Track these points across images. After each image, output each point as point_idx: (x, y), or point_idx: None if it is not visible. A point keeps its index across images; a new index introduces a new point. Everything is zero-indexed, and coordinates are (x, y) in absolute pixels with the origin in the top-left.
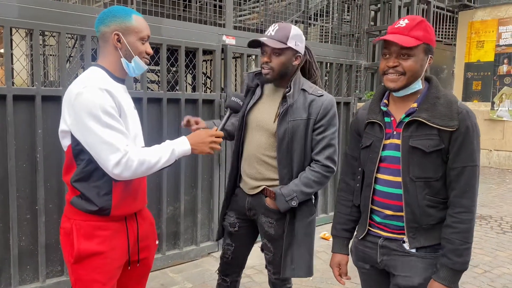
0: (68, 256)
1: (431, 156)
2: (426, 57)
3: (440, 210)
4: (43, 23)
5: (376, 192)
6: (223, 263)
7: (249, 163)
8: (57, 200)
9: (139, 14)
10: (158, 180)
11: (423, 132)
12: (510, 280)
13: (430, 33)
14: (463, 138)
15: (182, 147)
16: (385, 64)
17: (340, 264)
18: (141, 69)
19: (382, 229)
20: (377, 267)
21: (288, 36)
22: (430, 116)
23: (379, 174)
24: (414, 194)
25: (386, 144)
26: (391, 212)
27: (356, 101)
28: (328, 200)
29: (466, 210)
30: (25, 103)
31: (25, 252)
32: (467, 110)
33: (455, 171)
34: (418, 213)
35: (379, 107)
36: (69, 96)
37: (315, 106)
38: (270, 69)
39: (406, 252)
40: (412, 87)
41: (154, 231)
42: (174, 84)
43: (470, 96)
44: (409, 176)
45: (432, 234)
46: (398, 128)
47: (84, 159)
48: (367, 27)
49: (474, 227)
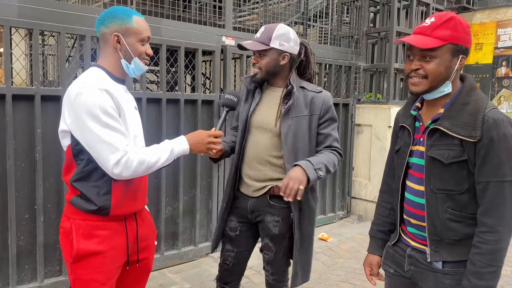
0: (67, 255)
1: (451, 167)
2: (454, 58)
3: (467, 225)
4: (42, 22)
5: (405, 199)
6: (222, 271)
7: (251, 166)
8: (55, 199)
9: (140, 15)
10: (157, 181)
11: (445, 142)
12: (507, 281)
13: (459, 32)
14: (486, 150)
15: (180, 146)
16: (408, 66)
17: (371, 264)
18: (141, 70)
19: (411, 237)
20: (403, 274)
21: (270, 37)
22: (452, 124)
23: (408, 181)
24: (435, 205)
25: (413, 150)
26: (416, 221)
27: (355, 102)
28: (326, 201)
29: (489, 230)
30: (24, 102)
31: (23, 252)
32: (496, 119)
33: (480, 186)
34: (439, 225)
35: (410, 111)
36: (69, 96)
37: (317, 102)
38: (259, 69)
39: (433, 268)
40: (439, 90)
41: (153, 232)
42: (174, 84)
43: None
44: (430, 187)
45: (456, 249)
46: (423, 135)
47: (84, 159)
48: (366, 28)
49: (504, 249)
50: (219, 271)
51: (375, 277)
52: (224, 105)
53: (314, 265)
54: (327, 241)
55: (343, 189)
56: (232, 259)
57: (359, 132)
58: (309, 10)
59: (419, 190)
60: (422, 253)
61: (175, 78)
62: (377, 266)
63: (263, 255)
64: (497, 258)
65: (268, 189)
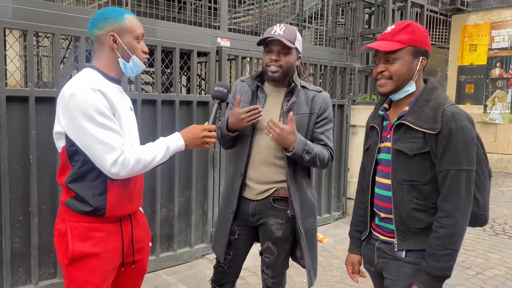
0: (62, 257)
1: (415, 159)
2: (415, 59)
3: (430, 214)
4: (37, 24)
5: (375, 194)
6: (218, 273)
7: (256, 168)
8: (50, 201)
9: (131, 13)
10: (152, 182)
11: (409, 135)
12: (502, 281)
13: (418, 36)
14: (446, 141)
15: (176, 143)
16: (375, 70)
17: (352, 263)
18: (139, 68)
19: (379, 232)
20: (378, 270)
21: (295, 37)
22: (415, 119)
23: (377, 177)
24: (401, 196)
25: (381, 147)
26: (384, 215)
27: (350, 103)
28: (322, 202)
29: (447, 215)
30: (19, 104)
31: (17, 254)
32: (454, 112)
33: (441, 175)
34: (405, 215)
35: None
36: (62, 98)
37: (317, 101)
38: (279, 67)
39: (396, 257)
40: (404, 90)
41: (148, 233)
42: (169, 86)
43: (463, 99)
44: (396, 179)
45: (421, 238)
46: (390, 131)
47: (79, 160)
48: (361, 30)
49: (460, 234)
50: (214, 273)
51: (357, 275)
52: (215, 97)
53: None
54: (322, 242)
55: (339, 190)
56: (228, 262)
57: (354, 133)
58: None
59: (387, 184)
60: (389, 244)
61: (170, 79)
62: (358, 264)
63: (263, 259)
64: (453, 242)
65: (272, 192)
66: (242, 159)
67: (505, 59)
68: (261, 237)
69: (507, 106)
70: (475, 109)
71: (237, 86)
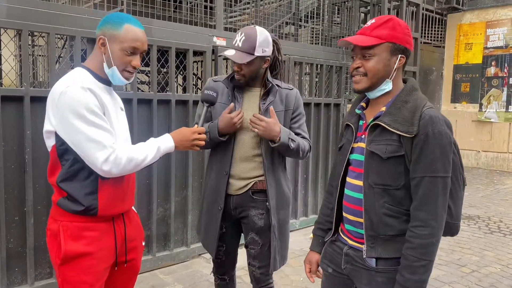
0: (55, 257)
1: (389, 162)
2: (393, 57)
3: (402, 221)
4: (32, 23)
5: (344, 196)
6: (217, 264)
7: (237, 166)
8: (45, 201)
9: (136, 26)
10: (148, 182)
11: (384, 137)
12: (497, 279)
13: (398, 31)
14: (422, 146)
15: (166, 144)
16: (351, 65)
17: (310, 262)
18: (118, 81)
19: (348, 236)
20: (342, 272)
21: (254, 46)
22: (391, 120)
23: (348, 178)
24: (372, 200)
25: (354, 147)
26: (353, 218)
27: (346, 102)
28: (318, 201)
29: (422, 224)
30: (14, 104)
31: (13, 255)
32: (432, 116)
33: (415, 181)
34: (375, 220)
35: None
36: (52, 96)
37: (290, 98)
38: (242, 76)
39: (367, 266)
40: (380, 88)
41: (141, 232)
42: (165, 85)
43: (459, 97)
44: (368, 182)
45: (392, 245)
46: (365, 132)
47: (69, 159)
48: (357, 29)
49: (435, 244)
50: (214, 266)
51: (313, 274)
52: (204, 100)
53: None
54: None
55: None
56: (223, 253)
57: None
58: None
59: (358, 185)
60: (358, 251)
61: (166, 78)
62: (316, 264)
63: (249, 251)
64: (428, 252)
65: (251, 186)
66: (226, 158)
67: (500, 58)
68: (245, 230)
69: (502, 105)
70: (470, 108)
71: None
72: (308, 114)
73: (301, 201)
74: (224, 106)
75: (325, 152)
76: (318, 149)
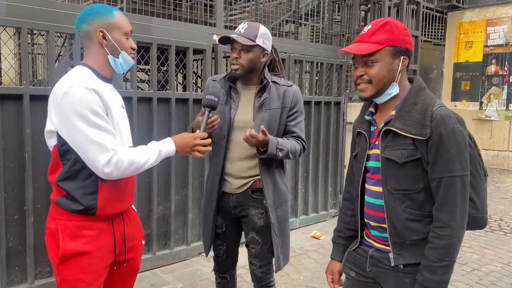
0: (53, 256)
1: (406, 167)
2: (395, 60)
3: (426, 224)
4: (31, 21)
5: (365, 203)
6: (218, 263)
7: (234, 165)
8: (45, 200)
9: (119, 11)
10: (148, 180)
11: (398, 142)
12: (498, 277)
13: (396, 34)
14: (437, 147)
15: (167, 148)
16: (354, 74)
17: (332, 272)
18: (129, 64)
19: (373, 239)
20: (366, 275)
21: (256, 34)
22: (403, 124)
23: (367, 185)
24: (394, 206)
25: (369, 154)
26: (377, 224)
27: (346, 100)
28: (318, 199)
29: (443, 225)
30: (13, 102)
31: (13, 253)
32: (443, 115)
33: (434, 183)
34: (399, 226)
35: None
36: (55, 96)
37: (288, 95)
38: (240, 65)
39: (394, 267)
40: (387, 93)
41: (141, 231)
42: (165, 83)
43: (459, 96)
44: (387, 188)
45: (419, 250)
46: (378, 138)
47: (71, 159)
48: (358, 27)
49: (456, 244)
50: (215, 264)
51: (336, 284)
52: (206, 105)
53: (307, 263)
54: (319, 239)
55: (335, 187)
56: (223, 252)
57: (350, 130)
58: (300, 9)
59: (378, 192)
60: (384, 253)
61: (166, 77)
62: (338, 273)
63: (250, 250)
64: (449, 253)
65: (250, 184)
66: (219, 157)
67: (500, 56)
68: (245, 230)
69: (503, 103)
70: (470, 106)
71: (209, 85)
72: (309, 113)
73: (301, 200)
74: (221, 106)
75: (325, 150)
76: (319, 147)
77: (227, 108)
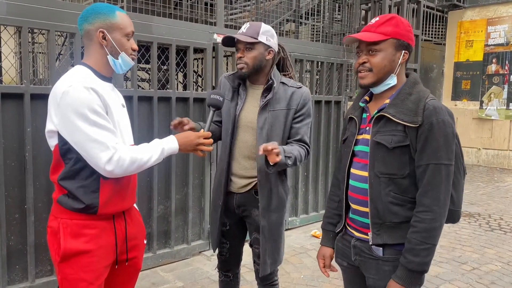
0: (54, 255)
1: (395, 152)
2: (397, 52)
3: (407, 209)
4: (32, 20)
5: (350, 187)
6: (221, 261)
7: (238, 164)
8: (46, 199)
9: (122, 11)
10: (149, 179)
11: (390, 128)
12: (498, 277)
13: (401, 29)
14: (427, 135)
15: (170, 145)
16: (356, 61)
17: (324, 257)
18: (128, 65)
19: (354, 227)
20: (353, 264)
21: (258, 32)
22: (396, 111)
23: (353, 169)
24: (378, 189)
25: (358, 139)
26: (359, 207)
27: (346, 99)
28: (319, 198)
29: (426, 210)
30: (14, 101)
31: (14, 252)
32: (436, 106)
33: (420, 169)
34: (381, 208)
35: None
36: (54, 96)
37: (296, 97)
38: (245, 64)
39: (374, 256)
40: (385, 83)
41: (143, 231)
42: (165, 82)
43: (459, 95)
44: (374, 171)
45: (397, 232)
46: (369, 124)
47: (72, 158)
48: (358, 26)
49: (438, 228)
50: (218, 262)
51: (327, 269)
52: (210, 105)
53: (307, 262)
54: (319, 238)
55: None
56: (227, 250)
57: None
58: (300, 8)
59: (363, 176)
60: (365, 242)
61: (167, 76)
62: (330, 258)
63: (254, 250)
64: (431, 236)
65: (254, 184)
66: (224, 155)
67: (501, 55)
68: (249, 229)
69: (503, 102)
70: (471, 105)
71: (221, 82)
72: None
73: (301, 199)
74: (227, 103)
75: (325, 149)
76: (319, 146)
77: (233, 104)
